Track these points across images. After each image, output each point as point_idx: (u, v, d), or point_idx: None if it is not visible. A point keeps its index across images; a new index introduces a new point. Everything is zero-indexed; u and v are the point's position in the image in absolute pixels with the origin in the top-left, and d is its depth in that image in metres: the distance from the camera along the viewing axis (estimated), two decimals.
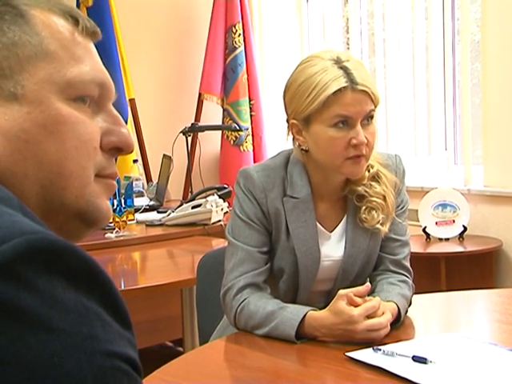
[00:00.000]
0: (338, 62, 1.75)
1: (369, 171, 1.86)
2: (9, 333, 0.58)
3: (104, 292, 0.65)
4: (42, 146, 0.77)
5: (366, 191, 1.85)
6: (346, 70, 1.73)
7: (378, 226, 1.85)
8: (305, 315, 1.69)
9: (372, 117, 1.78)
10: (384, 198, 1.86)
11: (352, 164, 1.77)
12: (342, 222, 1.89)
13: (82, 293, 0.63)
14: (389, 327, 1.66)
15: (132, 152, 0.89)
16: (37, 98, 0.77)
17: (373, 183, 1.86)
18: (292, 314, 1.71)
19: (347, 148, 1.75)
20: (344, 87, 1.72)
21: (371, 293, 1.78)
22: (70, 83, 0.80)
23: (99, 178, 0.82)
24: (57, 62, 0.79)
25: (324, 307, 1.73)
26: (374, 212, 1.85)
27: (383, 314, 1.66)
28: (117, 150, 0.85)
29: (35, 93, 0.77)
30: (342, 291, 1.67)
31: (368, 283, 1.73)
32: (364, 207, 1.86)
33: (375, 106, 1.77)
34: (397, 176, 1.91)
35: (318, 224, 1.87)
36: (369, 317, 1.64)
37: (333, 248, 1.89)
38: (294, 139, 1.86)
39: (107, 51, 4.71)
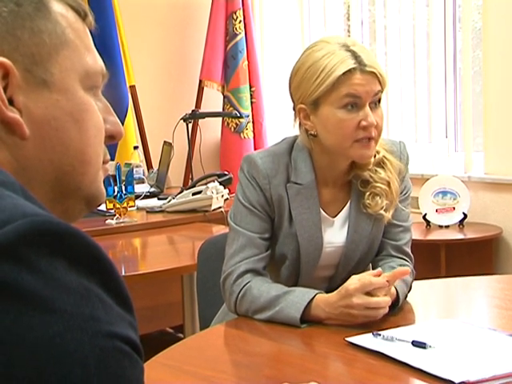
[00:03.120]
0: (345, 46, 1.75)
1: (375, 157, 1.86)
2: (11, 313, 0.59)
3: (105, 275, 0.66)
4: (69, 133, 0.80)
5: (370, 176, 1.85)
6: (353, 52, 1.74)
7: (382, 211, 1.86)
8: (312, 299, 1.70)
9: (380, 100, 1.78)
10: (388, 184, 1.86)
11: (361, 147, 1.77)
12: (346, 207, 1.90)
13: (83, 275, 0.64)
14: (387, 309, 1.66)
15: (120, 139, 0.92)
16: (64, 86, 0.80)
17: (378, 169, 1.87)
18: (298, 297, 1.72)
19: (357, 130, 1.75)
20: (353, 68, 1.72)
21: None
22: (88, 73, 0.82)
23: (102, 164, 0.86)
24: (76, 52, 0.82)
25: (326, 293, 1.74)
26: (378, 198, 1.86)
27: (385, 295, 1.67)
28: (109, 137, 0.88)
29: (62, 81, 0.80)
30: (355, 276, 1.68)
31: (379, 269, 1.73)
32: (368, 193, 1.86)
33: (382, 89, 1.77)
34: (401, 162, 1.91)
35: (321, 210, 1.88)
36: (369, 294, 1.64)
37: (335, 234, 1.89)
38: (300, 125, 1.86)
39: (108, 38, 4.70)
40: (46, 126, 0.78)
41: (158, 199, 3.71)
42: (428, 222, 4.16)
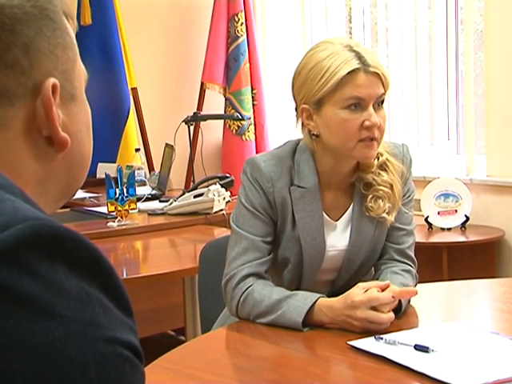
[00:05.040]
0: (349, 46, 1.75)
1: (378, 159, 1.85)
2: (11, 318, 0.59)
3: (106, 279, 0.66)
4: (85, 143, 0.83)
5: (373, 179, 1.85)
6: (357, 53, 1.74)
7: (384, 214, 1.85)
8: (314, 303, 1.69)
9: (383, 101, 1.78)
10: (391, 187, 1.85)
11: (364, 147, 1.76)
12: (348, 210, 1.89)
13: (84, 279, 0.64)
14: (388, 324, 1.65)
15: None
16: (82, 98, 0.83)
17: (381, 172, 1.86)
18: (300, 301, 1.71)
19: (360, 130, 1.75)
20: (357, 69, 1.72)
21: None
22: (85, 80, 0.85)
23: None
24: (79, 61, 0.84)
25: (328, 297, 1.73)
26: (381, 201, 1.85)
27: (389, 311, 1.66)
28: None
29: (81, 92, 0.82)
30: (362, 284, 1.68)
31: (388, 281, 1.72)
32: (370, 196, 1.85)
33: (385, 91, 1.77)
34: (404, 165, 1.91)
35: (324, 214, 1.87)
36: (374, 309, 1.64)
37: (338, 237, 1.89)
38: (303, 125, 1.85)
39: (109, 40, 4.71)
40: (74, 140, 0.80)
41: (160, 202, 3.70)
42: (430, 225, 4.16)
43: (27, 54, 0.75)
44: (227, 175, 3.64)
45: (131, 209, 3.25)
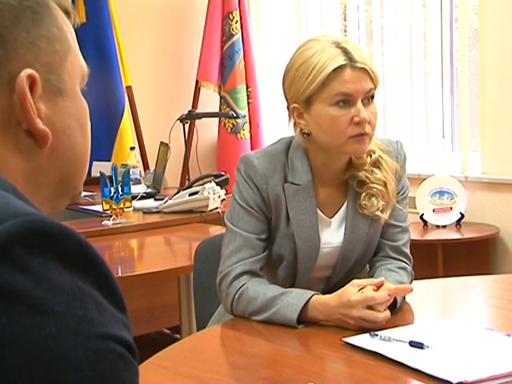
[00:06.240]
0: (336, 43, 1.75)
1: (370, 157, 1.85)
2: (3, 315, 0.58)
3: (99, 275, 0.65)
4: (76, 139, 0.82)
5: (366, 177, 1.84)
6: (344, 49, 1.73)
7: (378, 212, 1.85)
8: (308, 300, 1.69)
9: (372, 96, 1.77)
10: (385, 185, 1.85)
11: (355, 142, 1.76)
12: (343, 208, 1.89)
13: (76, 275, 0.63)
14: (384, 322, 1.65)
15: None
16: (73, 93, 0.81)
17: (374, 169, 1.86)
18: (294, 299, 1.71)
19: (350, 126, 1.74)
20: (343, 65, 1.72)
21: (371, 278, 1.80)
22: (83, 76, 0.84)
23: None
24: (76, 56, 0.83)
25: (322, 294, 1.73)
26: (374, 199, 1.85)
27: (384, 310, 1.65)
28: None
29: (72, 87, 0.81)
30: (356, 281, 1.68)
31: (382, 278, 1.72)
32: (364, 193, 1.85)
33: (375, 86, 1.77)
34: (398, 162, 1.90)
35: (318, 211, 1.87)
36: (370, 308, 1.63)
37: (332, 235, 1.88)
38: (295, 124, 1.85)
39: (104, 38, 4.69)
40: (61, 135, 0.79)
41: (155, 200, 3.70)
42: (425, 222, 4.16)
43: (2, 44, 0.74)
44: (222, 173, 3.64)
45: (126, 207, 3.25)
